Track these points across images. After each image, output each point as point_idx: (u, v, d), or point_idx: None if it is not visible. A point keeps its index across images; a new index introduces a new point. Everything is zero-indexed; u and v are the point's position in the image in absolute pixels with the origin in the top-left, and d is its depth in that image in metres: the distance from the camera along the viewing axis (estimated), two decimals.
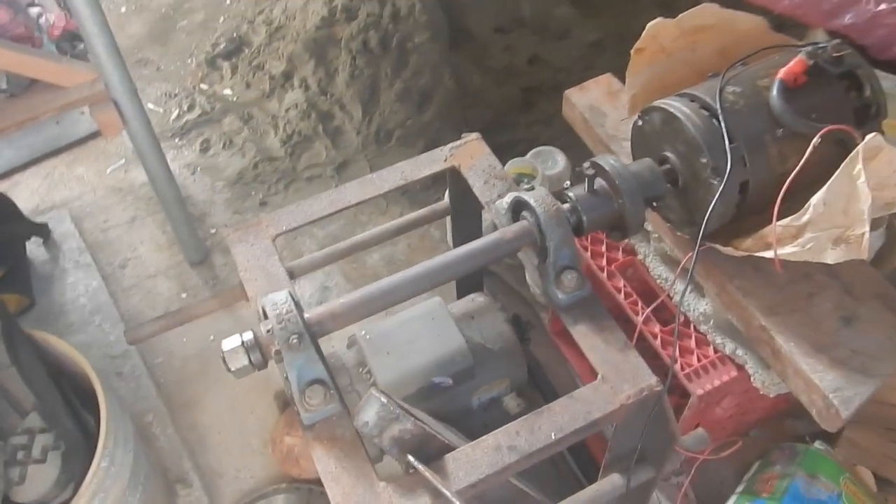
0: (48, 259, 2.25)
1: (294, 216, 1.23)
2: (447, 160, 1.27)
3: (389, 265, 2.26)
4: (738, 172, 0.97)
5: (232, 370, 0.98)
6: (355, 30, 2.49)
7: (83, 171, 2.56)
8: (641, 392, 0.92)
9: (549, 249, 1.00)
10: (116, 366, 2.01)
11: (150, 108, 2.73)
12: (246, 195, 2.45)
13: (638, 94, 1.25)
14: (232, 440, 1.92)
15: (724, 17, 1.19)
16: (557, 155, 2.06)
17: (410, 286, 1.03)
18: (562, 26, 2.63)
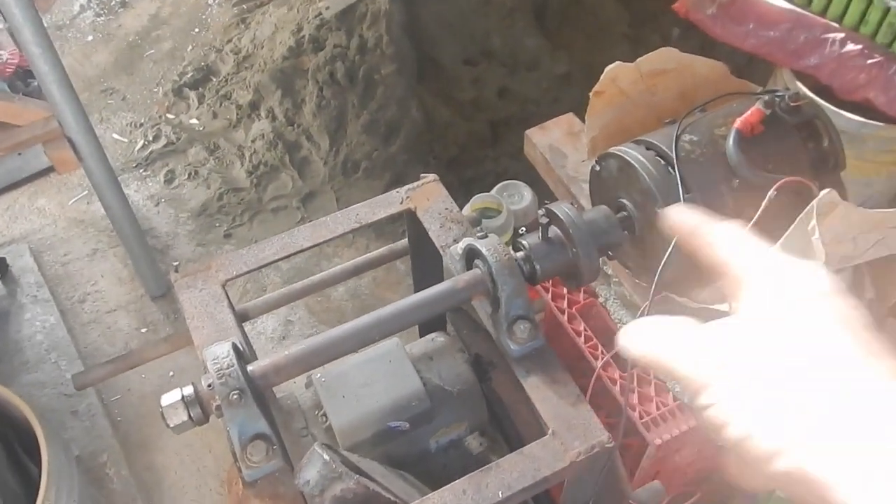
0: (5, 294, 2.19)
1: (245, 260, 1.19)
2: (403, 202, 1.24)
3: (354, 298, 2.22)
4: None
5: (171, 426, 0.94)
6: (322, 61, 2.48)
7: (44, 203, 2.51)
8: (592, 448, 0.89)
9: (500, 299, 0.98)
10: (72, 404, 1.95)
11: (114, 137, 2.69)
12: (210, 227, 2.41)
13: (597, 136, 1.24)
14: (188, 480, 1.87)
15: (684, 61, 1.19)
16: (524, 189, 2.04)
17: (359, 336, 1.00)
18: (531, 58, 2.64)
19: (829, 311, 0.42)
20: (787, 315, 0.43)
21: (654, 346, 0.47)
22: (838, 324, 0.42)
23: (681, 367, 0.45)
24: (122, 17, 3.19)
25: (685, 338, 0.46)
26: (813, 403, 0.39)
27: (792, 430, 0.39)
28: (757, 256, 0.48)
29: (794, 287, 0.44)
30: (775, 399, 0.40)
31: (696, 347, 0.45)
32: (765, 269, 0.47)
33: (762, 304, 0.45)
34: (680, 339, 0.46)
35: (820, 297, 0.43)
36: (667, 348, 0.46)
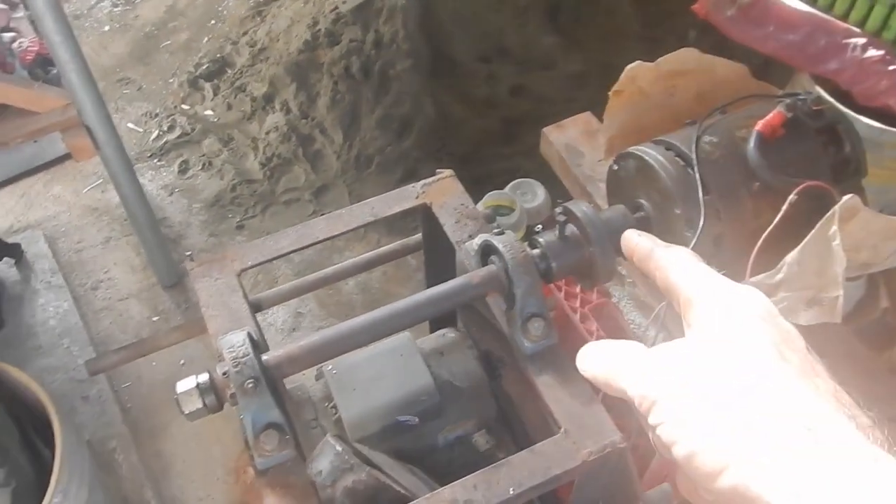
0: (20, 280, 2.21)
1: (260, 251, 1.19)
2: (419, 197, 1.24)
3: (364, 292, 2.23)
4: (712, 226, 0.95)
5: (185, 413, 0.94)
6: (338, 55, 2.48)
7: (60, 190, 2.53)
8: (604, 448, 0.89)
9: (515, 296, 0.98)
10: (83, 390, 1.97)
11: (130, 127, 2.70)
12: (223, 217, 2.42)
13: (615, 135, 1.24)
14: (196, 468, 1.88)
15: (704, 62, 1.18)
16: (537, 188, 2.04)
17: (373, 329, 1.00)
18: (546, 56, 2.63)
19: (770, 334, 0.45)
20: (732, 337, 0.45)
21: (607, 367, 0.50)
22: (778, 346, 0.44)
23: (632, 387, 0.46)
24: (139, 7, 3.20)
25: (637, 359, 0.48)
26: (754, 422, 0.40)
27: (736, 448, 0.40)
28: (704, 281, 0.50)
29: (737, 310, 0.46)
30: (720, 418, 0.41)
31: (646, 368, 0.47)
32: (711, 292, 0.49)
33: (709, 326, 0.47)
34: (632, 361, 0.48)
35: (761, 320, 0.46)
36: (620, 369, 0.48)
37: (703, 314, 0.48)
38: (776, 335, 0.45)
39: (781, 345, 0.44)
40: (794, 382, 0.41)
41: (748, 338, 0.44)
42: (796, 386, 0.41)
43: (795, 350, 0.44)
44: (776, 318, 0.46)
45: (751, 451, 0.39)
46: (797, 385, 0.41)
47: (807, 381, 0.42)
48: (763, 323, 0.45)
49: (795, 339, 0.45)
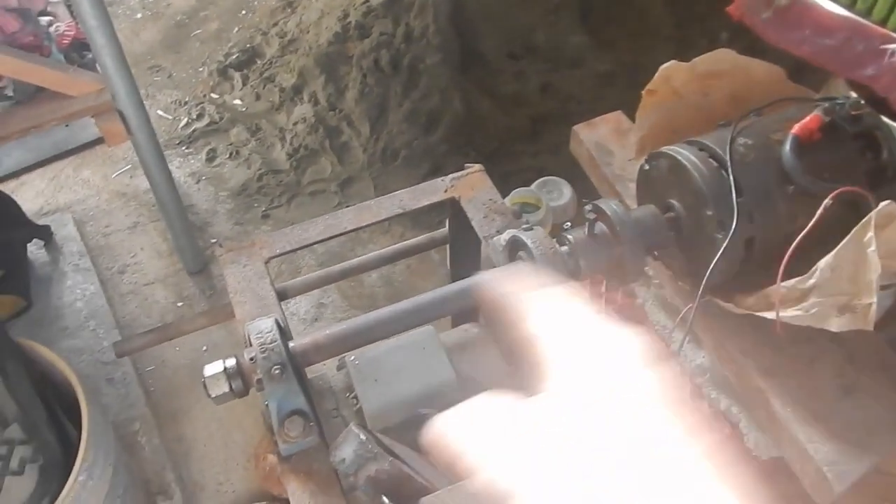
0: (48, 261, 2.24)
1: (288, 239, 1.21)
2: (447, 191, 1.25)
3: (387, 285, 2.24)
4: (744, 228, 0.94)
5: (212, 396, 0.96)
6: (367, 48, 2.49)
7: (89, 175, 2.56)
8: None
9: None
10: (107, 372, 1.99)
11: (159, 114, 2.73)
12: (249, 207, 2.44)
13: (646, 135, 1.23)
14: (216, 453, 1.90)
15: (740, 63, 1.17)
16: (564, 186, 2.04)
17: (399, 322, 1.01)
18: (575, 55, 2.62)
19: (646, 387, 0.40)
20: (602, 394, 0.40)
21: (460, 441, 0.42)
22: (655, 400, 0.39)
23: (486, 459, 0.40)
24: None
25: (490, 427, 0.42)
26: (627, 489, 0.36)
27: None
28: (571, 326, 0.45)
29: (610, 360, 0.41)
30: (587, 489, 0.36)
31: (503, 437, 0.40)
32: (580, 339, 0.43)
33: (577, 382, 0.41)
34: (485, 430, 0.42)
35: (637, 371, 0.40)
36: (474, 443, 0.41)
37: (571, 367, 0.42)
38: (655, 387, 0.40)
39: (660, 398, 0.39)
40: (673, 441, 0.37)
41: (621, 394, 0.40)
42: (673, 445, 0.37)
43: (677, 402, 0.39)
44: (656, 365, 0.41)
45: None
46: (674, 443, 0.37)
47: (685, 439, 0.37)
48: (641, 374, 0.40)
49: (676, 388, 0.40)
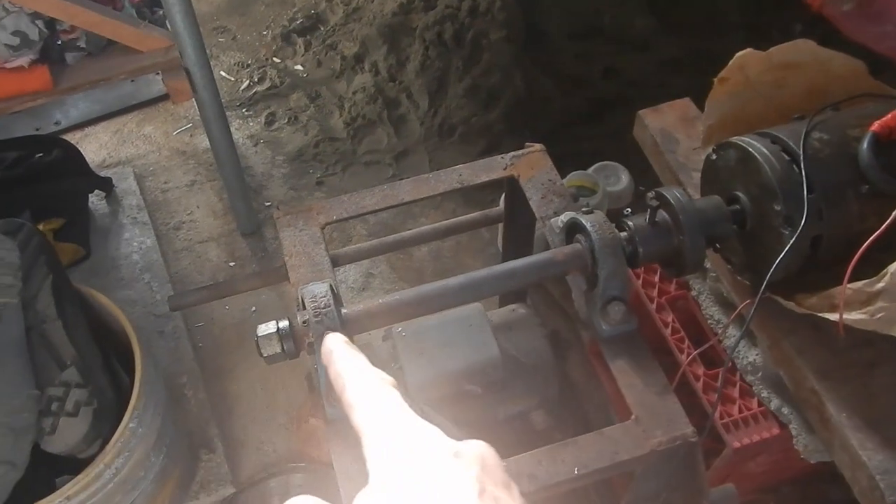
0: (108, 213, 2.30)
1: (345, 206, 1.21)
2: (507, 168, 1.24)
3: (436, 260, 2.24)
4: (813, 225, 0.91)
5: (264, 356, 0.97)
6: (431, 20, 2.47)
7: (151, 131, 2.61)
8: (674, 440, 0.88)
9: (599, 277, 0.97)
10: (159, 325, 2.04)
11: (222, 75, 2.76)
12: (304, 172, 2.46)
13: (715, 124, 1.20)
14: (259, 412, 1.94)
15: (820, 55, 1.13)
16: (621, 172, 2.01)
17: (452, 297, 1.00)
18: (641, 38, 2.57)
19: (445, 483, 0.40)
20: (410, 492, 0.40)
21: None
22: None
23: None
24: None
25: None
26: None
27: None
28: (385, 424, 0.45)
29: (417, 455, 0.42)
30: None
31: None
32: (390, 431, 0.44)
33: (387, 475, 0.42)
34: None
35: (439, 468, 0.41)
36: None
37: (371, 470, 0.43)
38: (437, 497, 0.40)
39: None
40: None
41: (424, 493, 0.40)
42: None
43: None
44: (440, 472, 0.41)
45: None
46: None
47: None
48: (415, 491, 0.40)
49: (462, 489, 0.40)
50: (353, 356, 0.54)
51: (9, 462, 1.24)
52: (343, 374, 0.51)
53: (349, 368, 0.52)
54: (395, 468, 0.42)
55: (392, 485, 0.41)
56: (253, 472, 1.83)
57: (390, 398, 0.47)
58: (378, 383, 0.49)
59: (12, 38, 1.59)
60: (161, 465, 1.52)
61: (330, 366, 0.54)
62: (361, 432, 0.46)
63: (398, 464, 0.42)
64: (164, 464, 1.54)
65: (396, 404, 0.47)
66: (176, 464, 1.64)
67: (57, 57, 1.68)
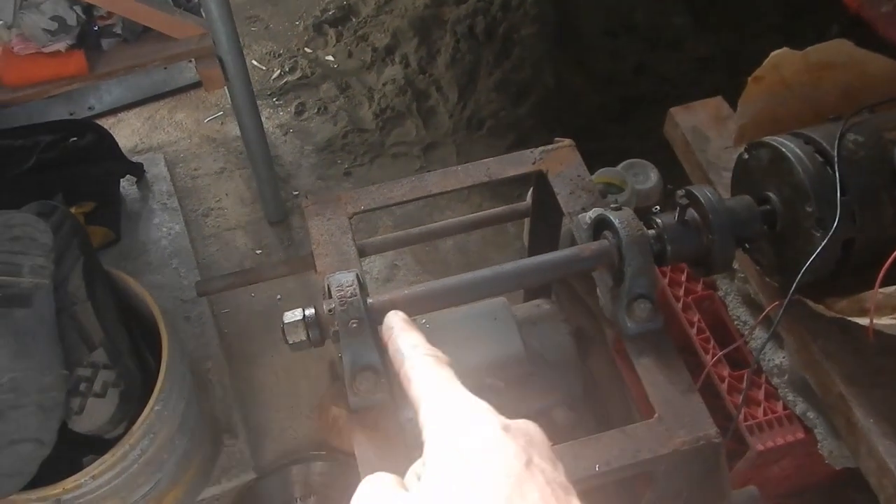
0: (139, 198, 2.33)
1: (373, 197, 1.22)
2: (536, 163, 1.23)
3: (461, 254, 2.24)
4: (845, 228, 0.90)
5: (289, 343, 0.98)
6: (463, 13, 2.47)
7: (182, 118, 2.64)
8: (698, 440, 0.87)
9: (625, 274, 0.96)
10: (185, 310, 2.07)
11: (253, 64, 2.78)
12: (332, 163, 2.48)
13: (748, 124, 1.18)
14: (282, 400, 1.96)
15: (857, 56, 1.11)
16: (650, 170, 1.99)
17: (477, 289, 1.01)
18: (675, 36, 2.54)
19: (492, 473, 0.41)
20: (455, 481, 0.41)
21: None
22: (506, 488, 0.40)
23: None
24: None
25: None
26: None
27: None
28: (439, 397, 0.48)
29: (464, 442, 0.43)
30: None
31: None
32: (442, 414, 0.46)
33: (436, 458, 0.43)
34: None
35: (486, 459, 0.42)
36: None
37: (428, 438, 0.45)
38: (483, 464, 0.41)
39: (488, 475, 0.41)
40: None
41: (451, 478, 0.41)
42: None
43: (505, 475, 0.41)
44: (492, 439, 0.43)
45: None
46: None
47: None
48: (470, 455, 0.42)
49: (510, 458, 0.42)
50: (412, 334, 0.57)
51: (37, 440, 1.26)
52: (402, 350, 0.55)
53: (408, 345, 0.55)
54: (449, 438, 0.44)
55: (445, 453, 0.43)
56: (274, 458, 1.85)
57: (445, 374, 0.50)
58: (434, 360, 0.52)
59: (51, 22, 1.61)
60: (184, 448, 1.55)
61: (390, 342, 0.58)
62: (418, 404, 0.49)
63: (452, 434, 0.44)
64: (187, 447, 1.56)
65: (451, 380, 0.50)
66: (199, 448, 1.66)
67: (93, 42, 1.71)
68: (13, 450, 1.24)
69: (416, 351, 0.54)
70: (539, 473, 0.41)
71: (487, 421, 0.44)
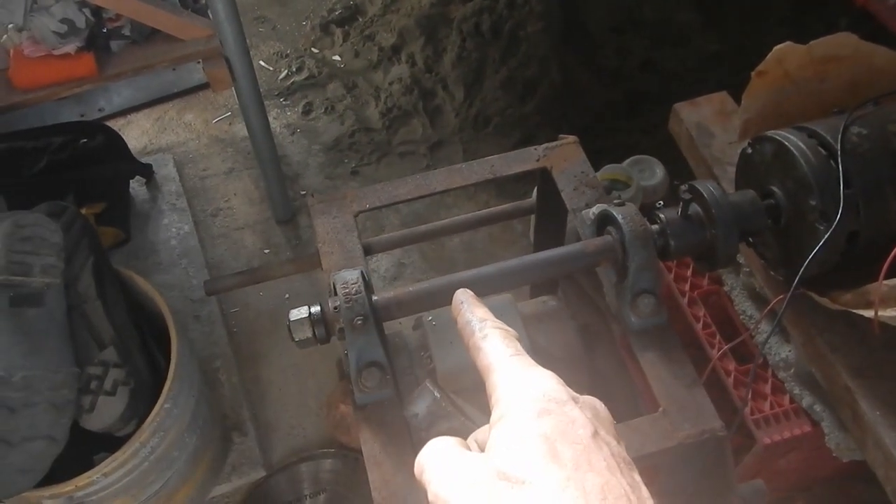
0: (148, 198, 2.35)
1: (379, 195, 1.23)
2: (539, 160, 1.24)
3: (468, 251, 2.25)
4: (849, 221, 0.90)
5: (295, 340, 0.99)
6: (469, 12, 2.47)
7: (191, 119, 2.65)
8: (702, 434, 0.88)
9: (629, 270, 0.96)
10: (195, 309, 2.08)
11: (261, 64, 2.79)
12: (339, 162, 2.49)
13: (752, 118, 1.18)
14: (290, 398, 1.97)
15: (862, 49, 1.11)
16: (656, 166, 1.99)
17: (483, 285, 1.01)
18: (682, 32, 2.54)
19: (544, 428, 0.42)
20: (509, 437, 0.43)
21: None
22: (552, 441, 0.42)
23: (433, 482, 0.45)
24: None
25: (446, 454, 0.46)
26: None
27: None
28: (505, 363, 0.49)
29: (519, 402, 0.45)
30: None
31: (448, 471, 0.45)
32: (507, 378, 0.48)
33: (497, 417, 0.45)
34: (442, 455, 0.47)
35: (538, 414, 0.43)
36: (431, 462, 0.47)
37: (499, 400, 0.47)
38: (553, 428, 0.42)
39: (557, 439, 0.42)
40: (556, 491, 0.40)
41: (521, 437, 0.43)
42: (558, 495, 0.39)
43: (573, 442, 0.42)
44: (561, 405, 0.44)
45: None
46: (560, 494, 0.40)
47: (573, 486, 0.40)
48: (539, 418, 0.43)
49: (579, 426, 0.43)
50: (481, 308, 0.59)
51: (49, 437, 1.28)
52: (472, 323, 0.56)
53: (477, 318, 0.56)
54: (520, 404, 0.45)
55: (515, 418, 0.44)
56: (283, 456, 1.87)
57: (514, 345, 0.52)
58: (502, 332, 0.54)
59: (60, 25, 1.63)
60: (194, 445, 1.56)
61: (459, 315, 0.60)
62: (488, 372, 0.50)
63: (522, 400, 0.45)
64: (197, 445, 1.57)
65: (519, 351, 0.51)
66: (209, 445, 1.67)
67: (102, 44, 1.72)
68: (26, 447, 1.25)
69: (485, 324, 0.55)
70: (605, 445, 0.42)
71: (556, 390, 0.46)
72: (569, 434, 0.42)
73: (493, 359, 0.51)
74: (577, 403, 0.45)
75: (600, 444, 0.42)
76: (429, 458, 0.47)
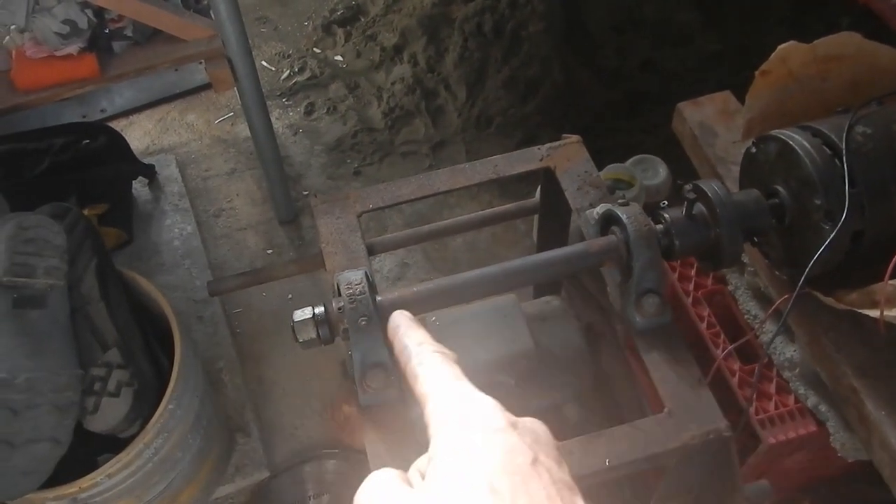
0: (151, 199, 2.35)
1: (382, 195, 1.23)
2: (543, 160, 1.24)
3: (471, 251, 2.25)
4: (854, 221, 0.90)
5: (299, 341, 0.99)
6: (471, 12, 2.47)
7: (193, 119, 2.66)
8: (707, 434, 0.88)
9: (633, 269, 0.96)
10: (198, 310, 2.08)
11: (263, 65, 2.79)
12: (342, 162, 2.49)
13: (756, 118, 1.18)
14: (294, 399, 1.97)
15: (866, 48, 1.11)
16: (659, 165, 1.99)
17: (486, 286, 1.01)
18: (683, 32, 2.53)
19: (483, 462, 0.41)
20: (447, 473, 0.42)
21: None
22: (491, 476, 0.40)
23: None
24: None
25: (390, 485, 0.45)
26: None
27: None
28: (443, 391, 0.48)
29: (458, 435, 0.44)
30: None
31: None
32: (444, 409, 0.46)
33: (436, 454, 0.44)
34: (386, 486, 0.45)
35: (476, 447, 0.42)
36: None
37: (436, 432, 0.46)
38: (490, 459, 0.42)
39: (495, 471, 0.41)
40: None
41: (458, 473, 0.42)
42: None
43: (511, 473, 0.41)
44: (500, 434, 0.43)
45: None
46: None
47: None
48: (477, 449, 0.42)
49: (517, 454, 0.42)
50: (418, 331, 0.57)
51: (53, 439, 1.28)
52: (409, 348, 0.55)
53: (414, 342, 0.55)
54: (455, 435, 0.44)
55: (451, 450, 0.43)
56: (287, 456, 1.86)
57: (452, 371, 0.50)
58: (441, 357, 0.52)
59: (62, 26, 1.63)
60: (198, 446, 1.56)
61: (395, 339, 0.58)
62: (425, 401, 0.49)
63: (457, 430, 0.44)
64: (201, 446, 1.57)
65: (457, 376, 0.50)
66: (213, 446, 1.67)
67: (104, 45, 1.72)
68: (29, 449, 1.25)
69: (422, 348, 0.54)
70: (545, 472, 0.41)
71: (494, 418, 0.45)
72: (507, 464, 0.41)
73: (429, 387, 0.49)
74: (515, 429, 0.44)
75: (540, 471, 0.41)
76: (368, 495, 0.45)
